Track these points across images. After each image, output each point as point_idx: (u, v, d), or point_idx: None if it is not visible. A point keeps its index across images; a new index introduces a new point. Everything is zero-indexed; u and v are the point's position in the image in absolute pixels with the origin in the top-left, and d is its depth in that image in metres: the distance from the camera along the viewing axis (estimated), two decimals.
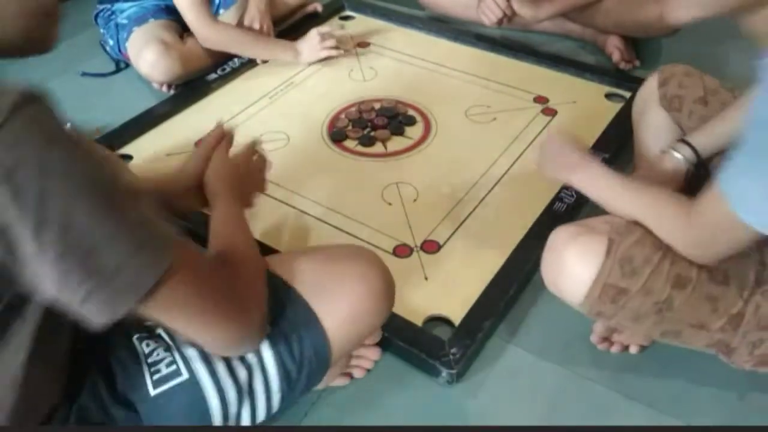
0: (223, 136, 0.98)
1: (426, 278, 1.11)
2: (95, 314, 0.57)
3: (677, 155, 1.01)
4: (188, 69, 1.57)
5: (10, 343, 0.62)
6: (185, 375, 0.72)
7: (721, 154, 1.02)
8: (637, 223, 0.86)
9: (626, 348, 0.99)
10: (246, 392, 0.75)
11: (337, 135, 1.42)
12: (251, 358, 0.75)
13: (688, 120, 1.06)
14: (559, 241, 0.87)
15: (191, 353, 0.73)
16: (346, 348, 0.85)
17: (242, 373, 0.74)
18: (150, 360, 0.73)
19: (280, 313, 0.76)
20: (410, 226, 1.20)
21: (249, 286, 0.71)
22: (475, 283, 1.07)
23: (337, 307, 0.79)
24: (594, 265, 0.82)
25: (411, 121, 1.45)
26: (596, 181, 0.94)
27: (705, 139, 1.01)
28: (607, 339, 1.00)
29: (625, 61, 1.59)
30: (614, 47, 1.60)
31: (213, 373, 0.73)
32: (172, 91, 1.59)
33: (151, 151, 1.40)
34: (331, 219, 1.23)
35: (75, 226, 0.53)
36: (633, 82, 1.52)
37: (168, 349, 0.74)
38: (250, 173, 1.00)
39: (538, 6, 1.60)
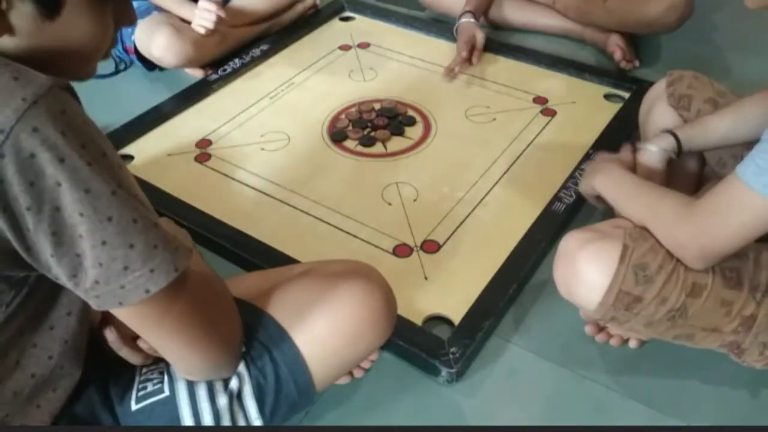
0: None
1: (426, 278, 1.11)
2: (99, 302, 0.57)
3: (652, 148, 1.01)
4: (201, 53, 1.57)
5: (51, 318, 0.63)
6: (166, 392, 0.71)
7: (719, 151, 1.03)
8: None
9: (625, 341, 0.99)
10: (225, 418, 0.73)
11: (337, 135, 1.42)
12: (234, 385, 0.73)
13: (696, 118, 1.05)
14: (571, 246, 0.86)
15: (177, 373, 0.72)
16: (338, 374, 0.83)
17: (222, 400, 0.72)
18: (142, 377, 0.73)
19: (260, 343, 0.75)
20: (410, 226, 1.21)
21: (230, 314, 0.71)
22: (475, 282, 1.07)
23: (327, 337, 0.76)
24: (608, 272, 0.81)
25: (411, 122, 1.45)
26: (614, 184, 0.95)
27: (692, 131, 1.00)
28: (602, 329, 0.99)
29: (626, 60, 1.59)
30: (615, 46, 1.60)
31: (192, 395, 0.72)
32: (213, 74, 1.60)
33: (152, 152, 1.40)
34: (331, 219, 1.23)
35: (98, 219, 0.54)
36: (632, 83, 1.53)
37: (162, 371, 0.73)
38: None
39: None
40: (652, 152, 1.00)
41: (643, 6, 1.54)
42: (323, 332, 0.76)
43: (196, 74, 1.63)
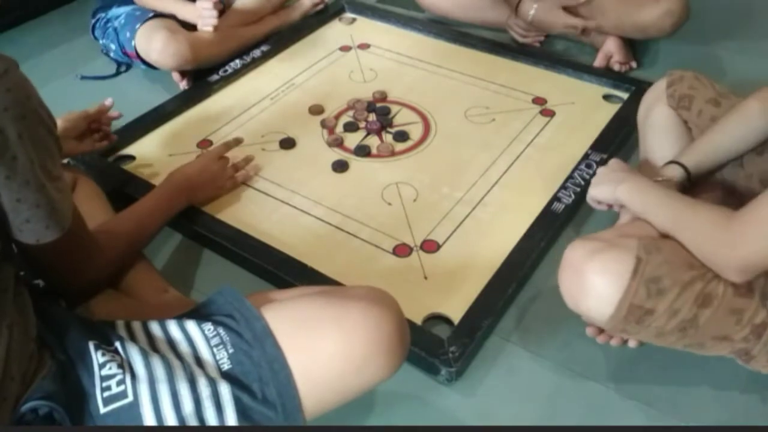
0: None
1: (425, 277, 1.11)
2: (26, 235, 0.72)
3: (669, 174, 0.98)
4: (197, 55, 1.58)
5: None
6: (130, 398, 0.70)
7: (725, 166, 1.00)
8: (665, 240, 0.84)
9: (625, 341, 0.98)
10: (192, 422, 0.71)
11: (333, 143, 1.41)
12: (203, 389, 0.71)
13: (697, 118, 1.05)
14: (577, 257, 0.84)
15: (141, 373, 0.71)
16: (336, 402, 0.77)
17: (188, 406, 0.70)
18: (103, 373, 0.71)
19: (251, 359, 0.73)
20: (410, 226, 1.21)
21: (98, 266, 0.88)
22: (474, 282, 1.08)
23: (332, 359, 0.73)
24: (619, 285, 0.80)
25: (407, 129, 1.45)
26: (641, 193, 0.92)
27: (698, 155, 0.99)
28: (603, 330, 0.99)
29: (620, 63, 1.59)
30: (611, 49, 1.60)
31: (155, 401, 0.70)
32: (185, 86, 1.60)
33: (153, 152, 1.41)
34: (331, 219, 1.23)
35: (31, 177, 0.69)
36: (631, 84, 1.53)
37: (121, 365, 0.72)
38: (214, 175, 1.23)
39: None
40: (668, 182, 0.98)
41: (638, 11, 1.54)
42: (329, 352, 0.73)
43: (178, 81, 1.62)
